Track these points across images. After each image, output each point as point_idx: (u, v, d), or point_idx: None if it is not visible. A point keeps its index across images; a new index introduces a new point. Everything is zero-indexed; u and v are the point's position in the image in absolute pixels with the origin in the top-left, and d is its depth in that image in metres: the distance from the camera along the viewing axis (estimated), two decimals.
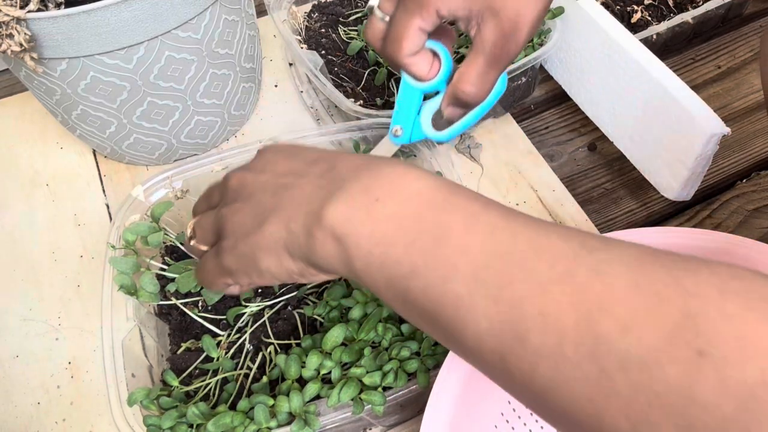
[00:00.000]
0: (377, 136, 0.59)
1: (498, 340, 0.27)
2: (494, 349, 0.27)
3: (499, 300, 0.27)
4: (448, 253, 0.29)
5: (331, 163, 0.35)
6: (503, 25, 0.40)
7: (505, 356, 0.26)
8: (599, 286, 0.25)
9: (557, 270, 0.26)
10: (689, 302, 0.23)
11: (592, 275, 0.25)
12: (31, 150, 0.73)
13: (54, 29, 0.51)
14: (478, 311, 0.27)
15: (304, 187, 0.34)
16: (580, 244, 0.27)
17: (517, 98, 0.75)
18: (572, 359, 0.24)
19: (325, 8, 0.78)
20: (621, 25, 0.65)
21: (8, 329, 0.60)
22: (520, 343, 0.26)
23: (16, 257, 0.65)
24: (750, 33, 0.83)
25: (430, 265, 0.29)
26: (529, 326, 0.26)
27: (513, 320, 0.26)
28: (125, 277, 0.48)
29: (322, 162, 0.36)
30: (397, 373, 0.45)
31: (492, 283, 0.27)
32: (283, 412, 0.43)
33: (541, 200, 0.67)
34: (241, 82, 0.68)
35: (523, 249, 0.28)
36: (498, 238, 0.28)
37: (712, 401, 0.21)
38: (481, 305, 0.27)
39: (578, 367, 0.24)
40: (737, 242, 0.49)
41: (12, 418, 0.55)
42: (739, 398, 0.21)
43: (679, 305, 0.23)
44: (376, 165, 0.33)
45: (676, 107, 0.59)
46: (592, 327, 0.24)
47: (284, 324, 0.51)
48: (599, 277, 0.25)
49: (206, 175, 0.56)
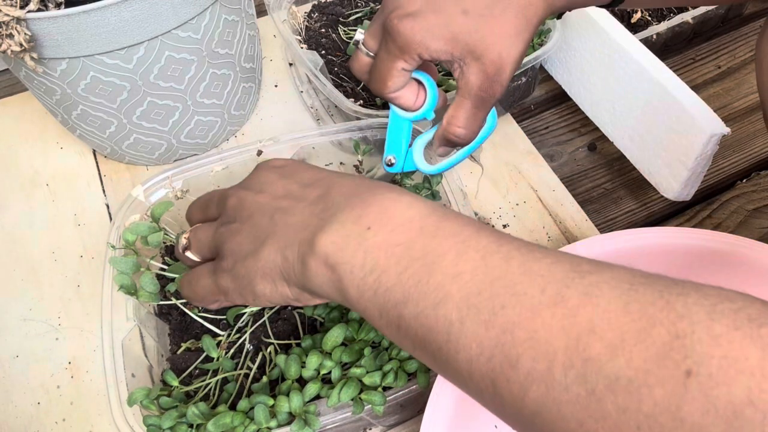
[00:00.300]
0: (377, 136, 0.59)
1: (489, 366, 0.27)
2: (485, 374, 0.27)
3: (490, 325, 0.27)
4: (440, 280, 0.29)
5: (326, 188, 0.36)
6: (486, 68, 0.41)
7: (496, 381, 0.27)
8: (590, 309, 0.25)
9: (548, 294, 0.26)
10: (678, 324, 0.23)
11: (583, 298, 0.26)
12: (31, 150, 0.73)
13: (54, 29, 0.51)
14: (470, 337, 0.27)
15: (299, 213, 0.35)
16: (571, 268, 0.27)
17: (517, 98, 0.75)
18: (562, 382, 0.25)
19: (325, 8, 0.78)
20: (621, 25, 0.65)
21: (8, 329, 0.60)
22: (511, 368, 0.26)
23: (16, 257, 0.65)
24: (750, 33, 0.83)
25: (423, 291, 0.29)
26: (520, 351, 0.26)
27: (504, 345, 0.26)
28: (125, 277, 0.48)
29: (317, 186, 0.36)
30: (397, 373, 0.45)
31: (484, 309, 0.27)
32: (283, 412, 0.43)
33: (541, 200, 0.67)
34: (241, 82, 0.68)
35: (514, 273, 0.28)
36: (489, 263, 0.29)
37: (699, 422, 0.21)
38: (472, 331, 0.27)
39: (568, 390, 0.24)
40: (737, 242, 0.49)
41: (12, 418, 0.55)
42: (726, 418, 0.21)
43: (668, 327, 0.23)
44: (368, 192, 0.34)
45: (676, 107, 0.59)
46: (581, 350, 0.24)
47: (284, 324, 0.51)
48: (590, 299, 0.25)
49: (206, 175, 0.56)
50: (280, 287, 0.35)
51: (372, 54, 0.45)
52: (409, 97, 0.45)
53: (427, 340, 0.29)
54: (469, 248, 0.30)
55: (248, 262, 0.36)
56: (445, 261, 0.29)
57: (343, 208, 0.33)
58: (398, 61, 0.42)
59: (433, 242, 0.30)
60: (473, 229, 0.31)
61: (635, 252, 0.51)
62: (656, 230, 0.52)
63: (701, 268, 0.50)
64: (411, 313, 0.29)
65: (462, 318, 0.28)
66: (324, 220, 0.33)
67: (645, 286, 0.25)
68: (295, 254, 0.34)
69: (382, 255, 0.31)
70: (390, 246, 0.31)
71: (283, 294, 0.35)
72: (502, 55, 0.40)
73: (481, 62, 0.41)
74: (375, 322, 0.32)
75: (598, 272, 0.27)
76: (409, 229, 0.31)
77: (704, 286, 0.25)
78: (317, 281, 0.33)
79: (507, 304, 0.27)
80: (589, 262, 0.28)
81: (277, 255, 0.34)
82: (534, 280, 0.27)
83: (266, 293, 0.36)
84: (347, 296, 0.32)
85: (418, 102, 0.45)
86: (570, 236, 0.64)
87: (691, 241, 0.50)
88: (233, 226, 0.38)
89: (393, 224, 0.32)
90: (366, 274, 0.31)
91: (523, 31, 0.41)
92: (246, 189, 0.39)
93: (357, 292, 0.31)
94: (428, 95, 0.45)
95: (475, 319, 0.27)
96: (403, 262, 0.30)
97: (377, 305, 0.31)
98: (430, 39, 0.40)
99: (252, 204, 0.38)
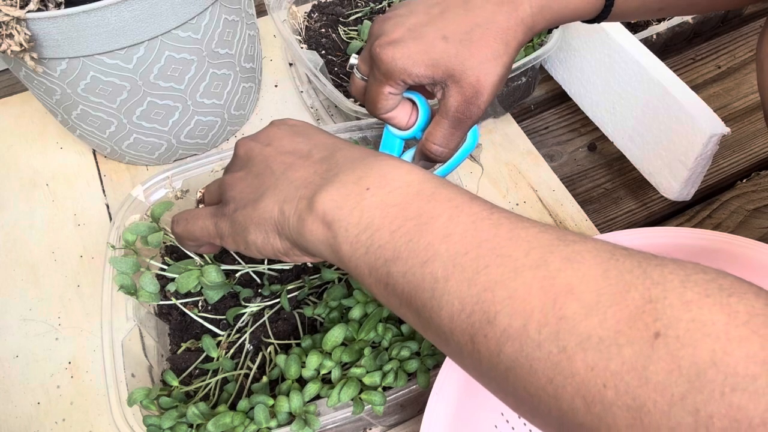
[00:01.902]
0: (377, 136, 0.59)
1: (469, 321, 0.28)
2: (465, 329, 0.28)
3: (473, 283, 0.28)
4: (430, 239, 0.30)
5: (331, 150, 0.37)
6: (464, 90, 0.42)
7: (475, 336, 0.28)
8: (570, 273, 0.26)
9: (532, 257, 0.27)
10: (652, 289, 0.24)
11: (565, 263, 0.27)
12: (30, 150, 0.73)
13: (54, 29, 0.51)
14: (453, 293, 0.28)
15: (302, 170, 0.36)
16: (557, 237, 0.28)
17: (517, 98, 0.75)
18: (535, 339, 0.25)
19: (325, 8, 0.78)
20: (621, 25, 0.65)
21: (8, 329, 0.60)
22: (489, 324, 0.27)
23: (16, 257, 0.65)
24: (750, 33, 0.83)
25: (412, 250, 0.30)
26: (498, 308, 0.27)
27: (485, 302, 0.27)
28: (125, 277, 0.48)
29: (323, 148, 0.38)
30: (397, 373, 0.45)
31: (468, 267, 0.28)
32: (283, 412, 0.43)
33: (541, 200, 0.67)
34: (241, 82, 0.68)
35: (502, 238, 0.29)
36: (479, 227, 0.30)
37: (663, 381, 0.22)
38: (456, 288, 0.28)
39: (540, 347, 0.25)
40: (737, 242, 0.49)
41: (12, 418, 0.55)
42: (690, 378, 0.22)
43: (642, 291, 0.24)
44: (372, 157, 0.35)
45: (676, 107, 0.59)
46: (557, 309, 0.25)
47: (284, 324, 0.51)
48: (571, 264, 0.26)
49: (206, 175, 0.56)
50: (272, 239, 0.36)
51: (365, 78, 0.47)
52: (402, 117, 0.47)
53: (412, 296, 0.30)
54: (461, 213, 0.31)
55: (247, 210, 0.37)
56: (437, 223, 0.30)
57: (346, 171, 0.34)
58: (385, 86, 0.44)
59: (428, 205, 0.31)
60: (468, 197, 0.32)
61: None
62: (656, 230, 0.51)
63: None
64: (399, 270, 0.30)
65: (447, 276, 0.29)
66: (325, 180, 0.34)
67: (625, 257, 0.26)
68: (292, 209, 0.35)
69: (377, 214, 0.32)
70: (386, 206, 0.32)
71: (274, 246, 0.36)
72: (480, 78, 0.42)
73: (459, 85, 0.42)
74: (364, 279, 0.32)
75: (582, 242, 0.28)
76: (406, 192, 0.32)
77: (683, 261, 0.26)
78: (311, 238, 0.34)
79: (491, 264, 0.28)
80: (576, 234, 0.29)
81: (274, 207, 0.36)
82: (519, 245, 0.28)
83: (257, 243, 0.37)
84: (339, 253, 0.33)
85: (410, 121, 0.47)
86: None
87: (691, 241, 0.50)
88: (238, 174, 0.39)
89: (391, 186, 0.33)
90: (360, 232, 0.32)
91: (502, 54, 0.42)
92: (255, 140, 0.41)
93: (350, 249, 0.32)
94: (420, 115, 0.47)
95: (460, 277, 0.28)
96: (397, 221, 0.31)
97: (368, 263, 0.32)
98: (411, 65, 0.42)
99: (258, 155, 0.39)
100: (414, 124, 0.47)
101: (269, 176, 0.37)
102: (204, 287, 0.50)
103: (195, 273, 0.48)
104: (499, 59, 0.42)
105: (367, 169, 0.34)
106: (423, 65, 0.42)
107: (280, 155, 0.38)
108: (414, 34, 0.42)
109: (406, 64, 0.42)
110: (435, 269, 0.29)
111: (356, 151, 0.37)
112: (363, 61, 0.47)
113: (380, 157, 0.35)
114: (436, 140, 0.45)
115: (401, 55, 0.42)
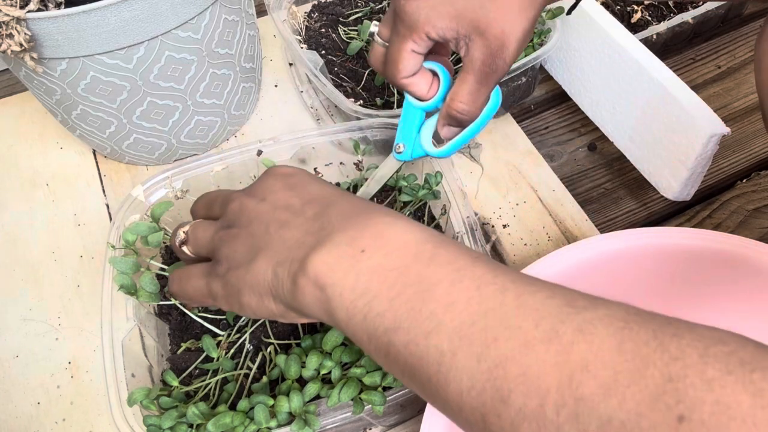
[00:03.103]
0: (377, 136, 0.59)
1: (480, 399, 0.26)
2: (476, 408, 0.27)
3: (482, 358, 0.27)
4: (433, 308, 0.29)
5: (324, 206, 0.36)
6: (490, 43, 0.41)
7: (487, 416, 0.26)
8: (584, 346, 0.25)
9: (542, 328, 0.26)
10: (671, 366, 0.23)
11: (577, 335, 0.25)
12: (30, 150, 0.73)
13: (54, 29, 0.51)
14: (461, 369, 0.27)
15: (296, 228, 0.35)
16: (566, 302, 0.27)
17: (517, 98, 0.75)
18: (554, 421, 0.24)
19: (325, 8, 0.78)
20: (621, 25, 0.65)
21: (8, 329, 0.60)
22: (502, 403, 0.26)
23: (16, 257, 0.65)
24: (750, 33, 0.83)
25: (414, 319, 0.29)
26: (512, 386, 0.25)
27: (496, 379, 0.26)
28: (125, 277, 0.48)
29: (316, 203, 0.36)
30: None
31: (476, 341, 0.27)
32: (283, 412, 0.43)
33: (541, 200, 0.67)
34: (241, 82, 0.68)
35: (509, 306, 0.27)
36: (484, 293, 0.28)
37: None
38: (464, 363, 0.27)
39: (560, 430, 0.24)
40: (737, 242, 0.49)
41: (12, 418, 0.55)
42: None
43: (661, 368, 0.23)
44: (365, 214, 0.34)
45: (676, 107, 0.59)
46: (574, 388, 0.24)
47: (284, 324, 0.51)
48: (584, 336, 0.25)
49: (206, 175, 0.56)
50: (266, 302, 0.35)
51: (386, 44, 0.46)
52: (422, 85, 0.46)
53: (416, 369, 0.29)
54: (464, 277, 0.29)
55: (240, 271, 0.36)
56: (439, 289, 0.29)
57: (339, 229, 0.33)
58: (408, 42, 0.43)
59: (427, 269, 0.30)
60: (469, 259, 0.30)
61: (635, 252, 0.51)
62: (656, 230, 0.52)
63: (701, 268, 0.50)
64: (401, 340, 0.29)
65: (454, 349, 0.27)
66: (318, 240, 0.33)
67: (639, 325, 0.25)
68: (285, 272, 0.33)
69: (374, 279, 0.30)
70: (384, 270, 0.30)
71: (268, 309, 0.35)
72: (506, 30, 0.41)
73: (484, 37, 0.41)
74: (363, 346, 0.31)
75: (593, 308, 0.26)
76: (404, 254, 0.31)
77: (697, 327, 0.24)
78: (305, 301, 0.32)
79: (500, 336, 0.27)
80: (584, 297, 0.27)
81: (267, 270, 0.34)
82: (528, 314, 0.27)
83: (252, 306, 0.36)
84: (335, 318, 0.32)
85: (431, 92, 0.46)
86: (570, 236, 0.64)
87: (691, 241, 0.50)
88: (232, 231, 0.38)
89: (388, 248, 0.31)
90: (356, 298, 0.30)
91: (528, 8, 0.41)
92: (249, 195, 0.39)
93: (346, 315, 0.31)
94: (441, 84, 0.46)
95: (468, 351, 0.27)
96: (396, 287, 0.30)
97: (366, 330, 0.30)
98: (435, 17, 0.41)
99: (252, 211, 0.38)
100: (435, 94, 0.46)
101: (263, 235, 0.36)
102: None
103: None
104: (524, 12, 0.41)
105: (361, 229, 0.33)
106: (447, 17, 0.41)
107: (274, 211, 0.37)
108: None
109: (430, 15, 0.41)
110: (440, 341, 0.28)
111: (349, 206, 0.35)
112: (385, 24, 0.46)
113: (374, 213, 0.34)
114: (462, 98, 0.43)
115: (425, 4, 0.41)
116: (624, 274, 0.51)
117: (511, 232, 0.65)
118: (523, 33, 0.42)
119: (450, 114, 0.45)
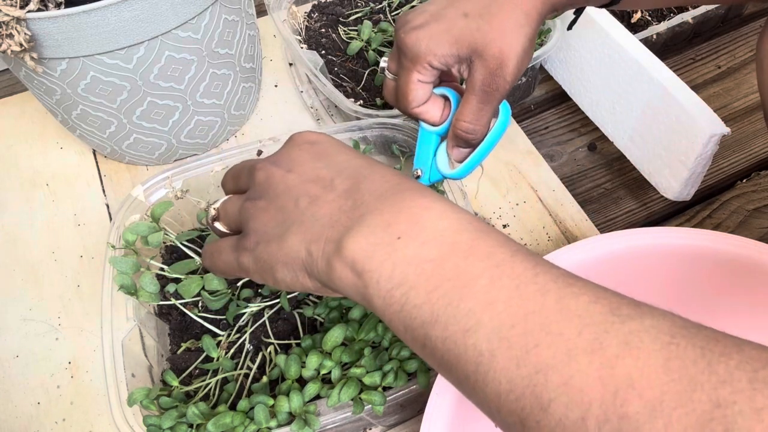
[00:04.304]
0: (377, 136, 0.59)
1: (519, 404, 0.26)
2: (514, 411, 0.26)
3: (522, 363, 0.26)
4: (471, 306, 0.28)
5: (355, 180, 0.35)
6: (488, 63, 0.42)
7: (526, 421, 0.26)
8: (629, 362, 0.24)
9: (585, 337, 0.25)
10: (720, 390, 0.22)
11: (623, 348, 0.25)
12: (30, 150, 0.73)
13: (54, 29, 0.51)
14: (500, 371, 0.27)
15: (327, 205, 0.34)
16: (610, 310, 0.26)
17: (517, 98, 0.75)
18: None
19: (325, 8, 0.78)
20: (621, 25, 0.65)
21: (8, 329, 0.60)
22: (542, 411, 0.25)
23: (16, 257, 0.65)
24: (750, 33, 0.83)
25: (452, 315, 0.28)
26: (553, 396, 0.25)
27: (536, 386, 0.25)
28: (125, 277, 0.48)
29: (346, 177, 0.36)
30: (397, 373, 0.45)
31: (516, 344, 0.26)
32: (283, 412, 0.43)
33: (541, 200, 0.67)
34: (241, 82, 0.68)
35: (550, 310, 0.27)
36: (524, 294, 0.28)
37: None
38: (503, 366, 0.26)
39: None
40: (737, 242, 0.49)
41: (12, 418, 0.55)
42: None
43: (708, 392, 0.22)
44: (399, 195, 0.33)
45: (676, 107, 0.59)
46: (618, 405, 0.23)
47: (284, 324, 0.51)
48: (630, 350, 0.24)
49: (206, 175, 0.56)
50: (301, 278, 0.35)
51: (396, 78, 0.47)
52: (434, 112, 0.46)
53: (454, 365, 0.28)
54: (503, 275, 0.29)
55: (271, 247, 0.35)
56: (477, 286, 0.28)
57: (372, 210, 0.33)
58: (413, 74, 0.44)
59: (465, 262, 0.29)
60: (508, 252, 0.30)
61: (635, 252, 0.51)
62: (656, 230, 0.51)
63: (701, 268, 0.50)
64: (438, 335, 0.29)
65: (492, 350, 0.27)
66: (352, 221, 0.33)
67: (686, 340, 0.24)
68: (320, 251, 0.33)
69: (411, 270, 0.30)
70: (421, 261, 0.30)
71: (303, 285, 0.35)
72: (503, 49, 0.42)
73: (483, 58, 0.42)
74: (399, 335, 0.31)
75: (639, 318, 0.26)
76: (441, 244, 0.30)
77: (744, 346, 0.24)
78: (341, 283, 0.32)
79: (541, 343, 0.26)
80: (629, 303, 0.27)
81: (301, 247, 0.34)
82: (571, 320, 0.26)
83: (287, 281, 0.35)
84: (372, 305, 0.31)
85: (443, 116, 0.47)
86: (570, 236, 0.64)
87: (692, 241, 0.50)
88: (260, 203, 0.37)
89: (424, 236, 0.31)
90: (393, 287, 0.30)
91: (524, 25, 0.42)
92: (275, 165, 0.38)
93: (383, 303, 0.31)
94: (453, 109, 0.46)
95: (507, 354, 0.26)
96: (433, 280, 0.29)
97: (403, 321, 0.30)
98: (435, 46, 0.42)
99: (280, 183, 0.37)
100: (447, 117, 0.46)
101: (293, 210, 0.35)
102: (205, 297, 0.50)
103: (197, 280, 0.48)
104: (521, 30, 0.42)
105: (396, 212, 0.32)
106: (446, 43, 0.42)
107: (303, 184, 0.36)
108: (436, 17, 0.43)
109: (430, 44, 0.42)
110: (479, 341, 0.27)
111: (381, 182, 0.34)
112: (392, 59, 0.47)
113: (408, 194, 0.33)
114: (466, 118, 0.44)
115: (424, 35, 0.42)
116: (624, 275, 0.51)
117: (511, 232, 0.65)
118: (521, 50, 0.42)
119: (456, 134, 0.45)
